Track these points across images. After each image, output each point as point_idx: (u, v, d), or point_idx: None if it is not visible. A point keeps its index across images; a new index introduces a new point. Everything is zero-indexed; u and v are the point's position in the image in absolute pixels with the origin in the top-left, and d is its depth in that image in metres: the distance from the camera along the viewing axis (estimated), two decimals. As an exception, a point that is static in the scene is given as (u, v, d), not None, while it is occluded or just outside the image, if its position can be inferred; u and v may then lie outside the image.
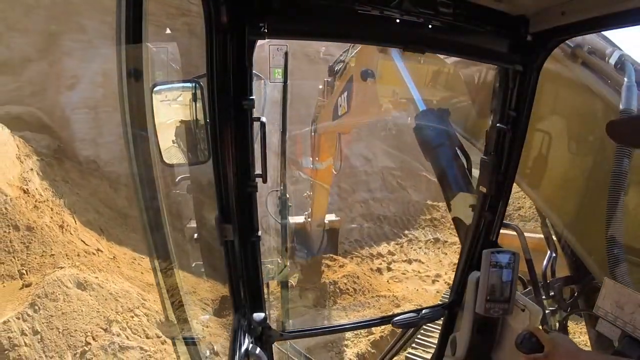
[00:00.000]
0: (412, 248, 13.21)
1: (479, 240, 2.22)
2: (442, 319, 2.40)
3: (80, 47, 10.47)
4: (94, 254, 7.97)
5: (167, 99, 1.82)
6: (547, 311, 2.66)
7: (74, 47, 10.48)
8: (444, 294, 9.54)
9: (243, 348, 1.67)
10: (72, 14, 10.53)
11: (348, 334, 8.05)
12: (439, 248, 13.02)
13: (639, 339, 1.78)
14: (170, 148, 1.79)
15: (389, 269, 11.63)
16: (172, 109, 1.86)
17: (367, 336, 7.99)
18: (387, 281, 10.86)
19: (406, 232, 13.88)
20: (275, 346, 2.10)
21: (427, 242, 13.42)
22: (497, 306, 2.07)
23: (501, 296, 2.07)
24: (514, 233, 2.59)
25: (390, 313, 7.20)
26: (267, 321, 1.89)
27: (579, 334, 5.68)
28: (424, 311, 2.25)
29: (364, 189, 14.48)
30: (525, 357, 1.67)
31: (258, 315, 1.82)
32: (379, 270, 11.76)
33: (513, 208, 12.14)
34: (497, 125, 2.00)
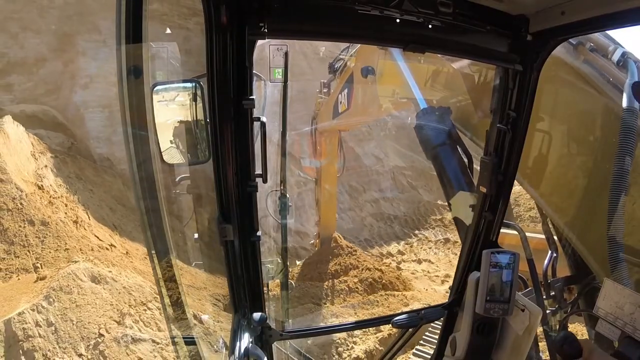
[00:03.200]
0: (422, 248, 13.16)
1: (479, 240, 2.21)
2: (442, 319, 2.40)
3: (94, 47, 10.65)
4: (107, 249, 8.12)
5: (165, 100, 1.84)
6: (547, 311, 2.63)
7: (88, 47, 10.67)
8: None
9: (243, 348, 1.68)
10: (85, 14, 10.71)
11: (356, 332, 8.05)
12: (449, 248, 12.91)
13: (638, 340, 1.75)
14: (168, 149, 1.81)
15: (398, 269, 11.56)
16: (170, 109, 1.88)
17: (375, 333, 7.99)
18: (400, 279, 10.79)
19: (416, 231, 13.85)
20: (275, 346, 2.13)
21: (437, 242, 13.35)
22: (497, 306, 2.06)
23: (501, 296, 2.06)
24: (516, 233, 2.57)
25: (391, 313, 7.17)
26: (267, 321, 1.90)
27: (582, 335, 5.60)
28: (423, 311, 2.25)
29: (375, 189, 14.44)
30: None
31: (258, 315, 1.83)
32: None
33: (524, 209, 11.96)
34: (497, 125, 1.99)
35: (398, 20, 1.63)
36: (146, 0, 1.64)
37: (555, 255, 2.74)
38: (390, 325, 2.20)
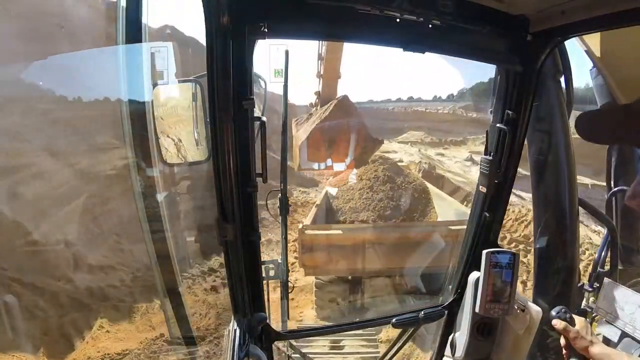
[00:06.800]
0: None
1: (479, 240, 2.22)
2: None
3: None
4: None
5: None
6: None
7: None
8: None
9: (243, 348, 1.68)
10: None
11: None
12: (272, 249, 11.87)
13: (638, 340, 1.77)
14: (191, 144, 1.78)
15: (224, 285, 10.01)
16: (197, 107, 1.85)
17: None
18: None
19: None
20: (275, 346, 2.12)
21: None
22: (497, 306, 2.06)
23: (501, 296, 2.06)
24: None
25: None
26: (267, 321, 1.90)
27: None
28: (423, 311, 2.26)
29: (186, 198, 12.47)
30: (560, 323, 1.59)
31: (258, 315, 1.84)
32: (214, 288, 10.25)
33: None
34: (497, 125, 2.01)
35: (398, 20, 1.64)
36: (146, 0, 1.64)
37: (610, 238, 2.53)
38: (391, 325, 2.20)
